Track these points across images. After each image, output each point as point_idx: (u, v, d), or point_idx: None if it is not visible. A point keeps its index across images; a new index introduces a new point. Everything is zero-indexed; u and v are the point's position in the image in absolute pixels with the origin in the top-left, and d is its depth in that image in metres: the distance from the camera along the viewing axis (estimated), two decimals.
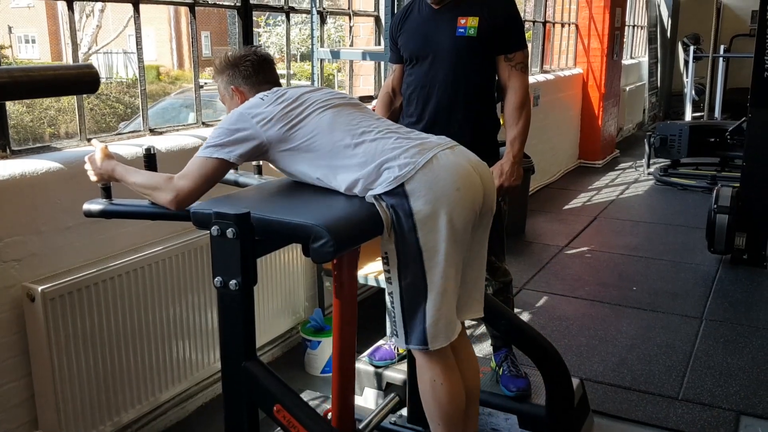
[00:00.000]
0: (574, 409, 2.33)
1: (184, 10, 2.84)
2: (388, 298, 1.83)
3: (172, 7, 20.73)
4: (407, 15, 2.51)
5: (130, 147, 2.43)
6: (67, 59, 17.33)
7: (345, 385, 2.16)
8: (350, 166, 1.72)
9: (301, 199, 1.77)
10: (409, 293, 1.75)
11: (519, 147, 2.36)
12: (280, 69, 3.24)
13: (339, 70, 11.97)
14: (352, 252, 2.03)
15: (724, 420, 2.67)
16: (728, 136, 6.32)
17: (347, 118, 1.79)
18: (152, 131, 2.66)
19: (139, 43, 2.60)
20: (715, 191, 4.42)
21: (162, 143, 2.54)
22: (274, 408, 1.58)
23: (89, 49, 16.20)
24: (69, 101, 13.90)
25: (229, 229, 1.53)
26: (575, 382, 2.65)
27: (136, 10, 2.55)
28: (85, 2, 11.69)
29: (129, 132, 2.61)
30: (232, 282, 1.56)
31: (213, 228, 1.55)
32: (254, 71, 1.93)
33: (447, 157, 1.74)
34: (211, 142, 1.76)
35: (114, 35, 16.87)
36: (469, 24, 2.32)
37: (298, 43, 16.10)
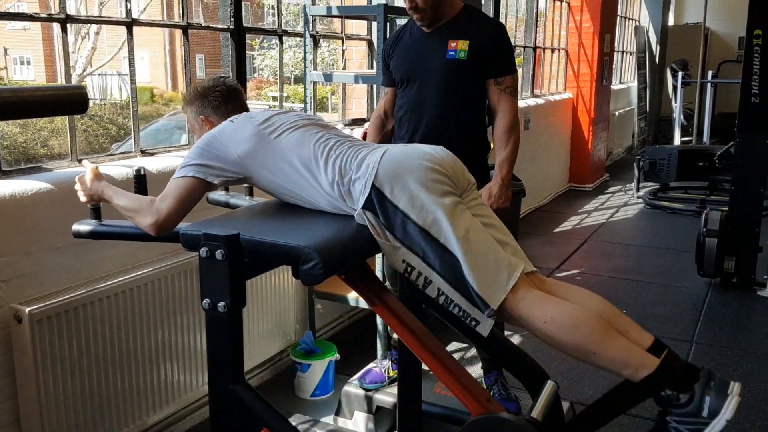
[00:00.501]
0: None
1: (178, 33, 2.88)
2: (441, 300, 1.66)
3: (166, 30, 20.89)
4: (399, 38, 2.54)
5: (121, 168, 2.43)
6: (61, 80, 17.35)
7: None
8: (322, 182, 1.74)
9: (291, 221, 1.77)
10: (448, 273, 1.64)
11: (507, 170, 2.38)
12: (274, 91, 3.25)
13: (332, 93, 12.05)
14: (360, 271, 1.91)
15: None
16: (716, 160, 6.38)
17: (315, 137, 1.81)
18: (143, 152, 2.67)
19: (132, 64, 2.61)
20: (704, 215, 4.45)
21: (153, 164, 2.54)
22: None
23: (84, 70, 16.25)
24: (62, 121, 13.92)
25: (218, 251, 1.53)
26: (565, 405, 2.64)
27: (130, 32, 2.57)
28: (80, 24, 11.75)
29: (120, 153, 2.62)
30: (221, 304, 1.55)
31: (202, 249, 1.55)
32: (223, 101, 1.97)
33: (397, 146, 1.82)
34: (185, 162, 1.79)
35: (109, 57, 16.93)
36: (459, 47, 2.35)
37: (292, 66, 16.20)
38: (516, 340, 3.63)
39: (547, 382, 1.91)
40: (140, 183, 1.98)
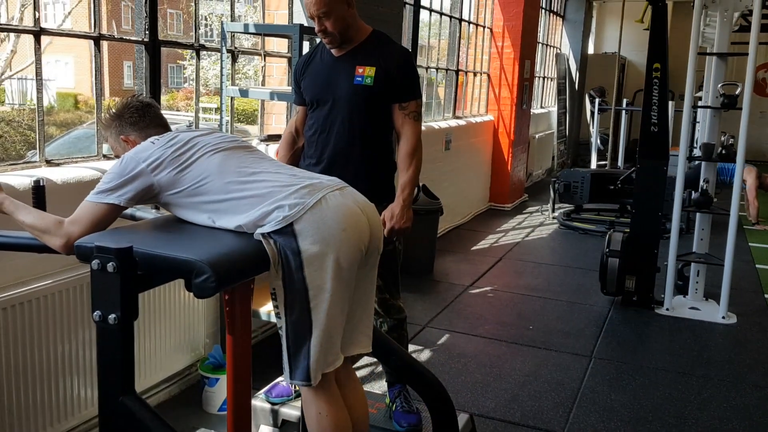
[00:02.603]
0: None
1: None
2: (281, 333, 1.87)
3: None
4: (311, 60, 2.61)
5: (24, 178, 2.39)
6: None
7: (240, 422, 2.16)
8: (240, 207, 1.77)
9: (188, 235, 1.80)
10: (294, 329, 1.80)
11: (409, 191, 2.47)
12: (203, 102, 3.26)
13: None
14: (245, 288, 2.06)
15: None
16: (618, 184, 6.70)
17: (237, 161, 1.84)
18: (49, 162, 2.63)
19: (39, 73, 2.58)
20: (607, 236, 4.69)
21: (58, 175, 2.51)
22: None
23: (2, 73, 15.64)
24: None
25: (110, 263, 1.55)
26: (464, 417, 2.75)
27: (38, 41, 2.54)
28: None
29: (23, 162, 2.57)
30: (111, 316, 1.57)
31: (93, 262, 1.56)
32: (140, 117, 1.98)
33: (335, 198, 1.81)
34: (101, 187, 1.78)
35: (29, 61, 16.34)
36: (366, 73, 2.44)
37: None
38: (426, 354, 3.73)
39: None
40: (38, 194, 1.97)
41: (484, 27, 7.67)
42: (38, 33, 2.54)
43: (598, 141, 9.96)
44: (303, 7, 3.18)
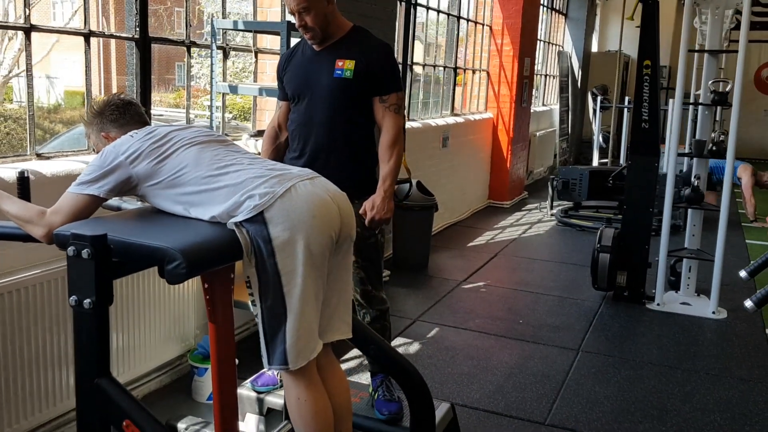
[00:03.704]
0: (435, 429, 2.46)
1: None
2: (257, 320, 1.91)
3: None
4: (293, 55, 2.67)
5: (13, 171, 2.45)
6: None
7: (227, 409, 2.21)
8: (214, 198, 1.83)
9: (163, 224, 1.86)
10: (269, 315, 1.86)
11: (390, 183, 2.52)
12: (209, 100, 3.33)
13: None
14: (224, 277, 2.12)
15: None
16: (610, 181, 6.72)
17: (212, 153, 1.90)
18: (39, 156, 2.70)
19: (29, 69, 2.65)
20: (598, 232, 4.72)
21: (48, 168, 2.58)
22: (123, 423, 1.64)
23: (10, 71, 15.80)
24: None
25: (85, 250, 1.61)
26: (445, 406, 2.80)
27: (28, 38, 2.61)
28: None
29: (13, 155, 2.64)
30: (87, 301, 1.63)
31: (69, 248, 1.62)
32: (120, 114, 2.04)
33: (305, 187, 1.87)
34: (82, 178, 1.85)
35: (36, 59, 16.49)
36: (346, 66, 2.49)
37: (232, 76, 16.15)
38: (415, 347, 3.78)
39: None
40: (23, 185, 2.03)
41: (483, 24, 7.70)
42: (28, 30, 2.60)
43: (600, 138, 9.98)
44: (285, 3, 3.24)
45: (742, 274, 2.31)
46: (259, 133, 3.51)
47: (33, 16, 2.70)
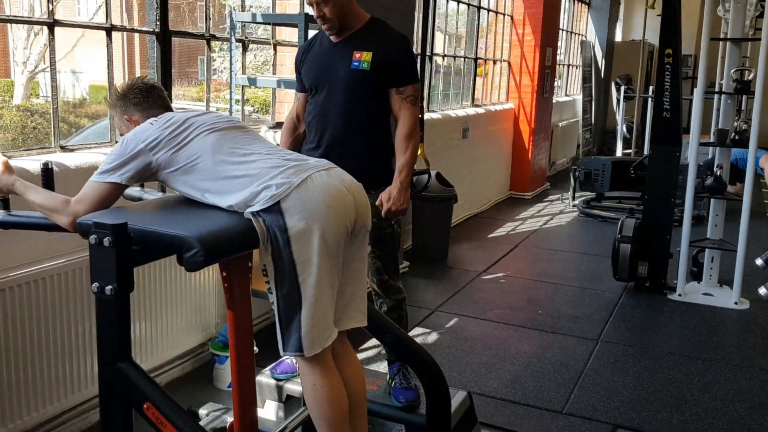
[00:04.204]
0: (451, 416, 2.48)
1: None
2: (273, 306, 1.94)
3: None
4: (311, 47, 2.69)
5: (37, 162, 2.51)
6: (16, 77, 17.19)
7: (245, 396, 2.24)
8: (231, 187, 1.86)
9: (183, 214, 1.90)
10: (285, 303, 1.89)
11: (406, 174, 2.53)
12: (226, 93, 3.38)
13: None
14: (242, 265, 2.15)
15: None
16: (631, 170, 6.66)
17: (231, 141, 1.93)
18: (63, 148, 2.77)
19: (53, 63, 2.72)
20: (619, 222, 4.70)
21: (71, 160, 2.64)
22: (144, 406, 1.69)
23: (36, 67, 16.07)
24: (11, 118, 13.72)
25: (106, 238, 1.65)
26: (462, 394, 2.82)
27: (51, 32, 2.67)
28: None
29: (38, 148, 2.71)
30: (108, 288, 1.67)
31: (91, 237, 1.67)
32: (143, 98, 2.07)
33: (321, 177, 1.90)
34: (104, 167, 1.90)
35: (62, 54, 16.73)
36: (363, 58, 2.51)
37: (254, 69, 16.30)
38: (434, 337, 3.80)
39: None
40: (47, 176, 2.08)
41: (504, 14, 7.66)
42: (52, 25, 2.66)
43: (624, 129, 9.88)
44: None
45: (758, 262, 2.29)
46: (278, 125, 3.55)
47: (58, 11, 2.76)
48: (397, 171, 2.55)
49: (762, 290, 2.15)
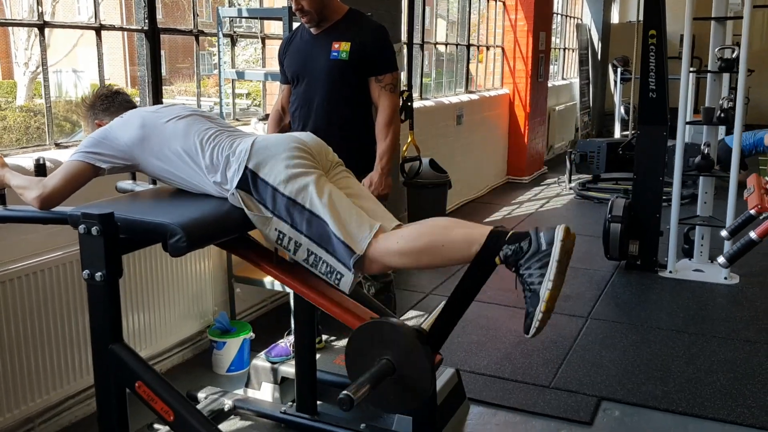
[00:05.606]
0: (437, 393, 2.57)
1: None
2: (311, 260, 1.85)
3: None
4: (292, 39, 2.78)
5: (31, 159, 2.61)
6: (18, 78, 17.36)
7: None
8: (204, 169, 1.97)
9: (168, 203, 2.00)
10: (316, 234, 1.84)
11: (387, 160, 2.63)
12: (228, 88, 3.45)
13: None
14: (240, 241, 2.16)
15: (586, 404, 2.96)
16: (620, 151, 6.71)
17: (199, 126, 2.05)
18: (57, 145, 2.86)
19: (44, 63, 2.81)
20: (609, 202, 4.77)
21: (65, 156, 2.72)
22: (136, 384, 1.80)
23: (37, 67, 16.19)
24: (15, 119, 13.86)
25: (94, 228, 1.76)
26: (450, 371, 2.92)
27: (42, 33, 2.76)
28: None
29: (33, 145, 2.81)
30: (98, 274, 1.78)
31: (80, 226, 1.77)
32: (110, 103, 2.23)
33: (268, 135, 2.08)
34: (78, 149, 2.04)
35: (62, 55, 16.86)
36: (341, 48, 2.60)
37: (252, 63, 16.42)
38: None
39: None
40: (40, 172, 2.18)
41: (496, 1, 7.70)
42: (42, 26, 2.75)
43: (622, 110, 9.91)
44: None
45: (723, 233, 2.36)
46: (267, 117, 3.63)
47: (58, 11, 2.84)
48: (378, 157, 2.65)
49: (720, 259, 2.23)
